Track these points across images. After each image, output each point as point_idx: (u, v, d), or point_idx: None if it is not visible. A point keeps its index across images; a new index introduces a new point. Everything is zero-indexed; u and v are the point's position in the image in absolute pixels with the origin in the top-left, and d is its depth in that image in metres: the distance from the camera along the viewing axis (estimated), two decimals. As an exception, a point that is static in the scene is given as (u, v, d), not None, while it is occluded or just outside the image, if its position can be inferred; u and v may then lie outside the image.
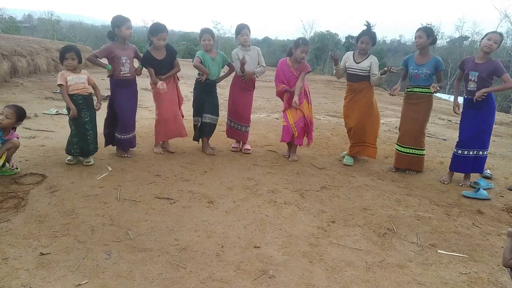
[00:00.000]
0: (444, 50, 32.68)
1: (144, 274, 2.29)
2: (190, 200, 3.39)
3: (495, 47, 3.94)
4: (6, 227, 2.68)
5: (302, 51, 4.50)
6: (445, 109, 10.97)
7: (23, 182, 3.44)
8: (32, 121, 5.62)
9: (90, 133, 3.97)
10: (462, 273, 2.59)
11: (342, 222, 3.21)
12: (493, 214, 3.63)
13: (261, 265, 2.49)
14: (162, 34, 4.23)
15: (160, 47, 4.31)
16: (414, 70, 4.40)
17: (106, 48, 4.05)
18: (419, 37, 4.30)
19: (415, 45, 4.43)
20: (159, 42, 4.24)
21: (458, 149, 4.31)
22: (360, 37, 4.52)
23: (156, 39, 4.24)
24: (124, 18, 4.06)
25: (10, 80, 8.90)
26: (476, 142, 4.19)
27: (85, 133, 3.94)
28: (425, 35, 4.27)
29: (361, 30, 4.55)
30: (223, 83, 5.34)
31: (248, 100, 4.89)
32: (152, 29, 4.29)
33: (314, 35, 39.25)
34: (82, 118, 3.90)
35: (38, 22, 43.63)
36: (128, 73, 4.16)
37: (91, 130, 3.98)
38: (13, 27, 27.90)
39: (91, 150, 4.03)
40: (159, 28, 4.23)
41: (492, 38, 3.92)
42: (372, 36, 4.49)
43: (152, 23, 4.38)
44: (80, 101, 3.87)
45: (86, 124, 3.94)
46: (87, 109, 3.93)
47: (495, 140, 7.01)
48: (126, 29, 4.02)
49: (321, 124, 7.34)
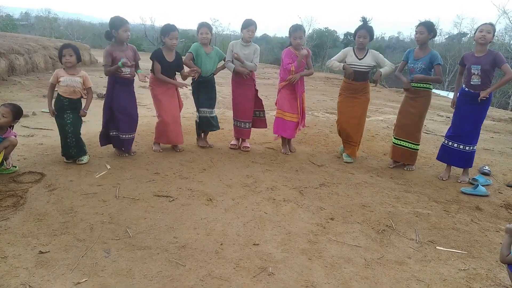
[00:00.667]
0: (442, 46, 32.67)
1: (143, 272, 2.30)
2: (189, 197, 3.39)
3: (489, 37, 3.93)
4: (5, 225, 2.68)
5: (295, 38, 4.53)
6: (443, 106, 10.98)
7: (22, 181, 3.44)
8: (30, 119, 5.61)
9: (70, 136, 3.86)
10: (461, 270, 2.60)
11: (341, 219, 3.22)
12: (492, 211, 3.64)
13: (260, 262, 2.50)
14: (174, 33, 4.28)
15: (173, 47, 4.36)
16: (410, 64, 4.41)
17: (108, 53, 4.01)
18: (420, 33, 4.27)
19: (416, 40, 4.39)
20: (172, 42, 4.30)
21: (449, 141, 4.34)
22: (357, 31, 4.50)
23: (168, 39, 4.29)
24: (122, 20, 4.04)
25: (8, 78, 8.87)
26: (469, 137, 4.22)
27: (65, 135, 3.86)
28: (426, 31, 4.25)
29: (358, 25, 4.53)
30: (220, 81, 5.34)
31: (248, 95, 4.84)
32: (163, 30, 4.33)
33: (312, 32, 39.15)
34: (64, 119, 3.84)
35: (35, 20, 43.44)
36: (128, 74, 4.14)
37: (71, 134, 3.86)
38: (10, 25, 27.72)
39: (73, 153, 3.92)
40: (170, 27, 4.29)
41: (484, 29, 3.94)
42: (369, 30, 4.47)
43: (163, 24, 4.40)
44: (66, 102, 3.82)
45: (67, 126, 3.85)
46: (71, 112, 3.85)
47: (493, 137, 7.02)
48: (123, 31, 4.01)
49: (319, 121, 7.34)
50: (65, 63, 3.76)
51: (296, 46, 4.59)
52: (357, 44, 4.55)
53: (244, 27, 4.63)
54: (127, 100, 4.22)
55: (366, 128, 6.87)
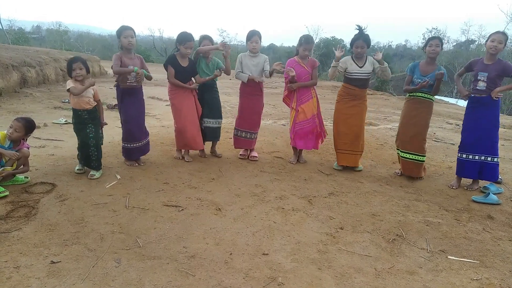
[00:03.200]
0: (450, 54, 32.52)
1: (153, 282, 2.30)
2: (198, 207, 3.41)
3: (500, 47, 3.94)
4: (17, 235, 2.71)
5: (305, 49, 4.57)
6: (452, 114, 10.91)
7: (34, 191, 3.49)
8: (42, 130, 5.69)
9: (92, 150, 3.89)
10: (473, 279, 2.56)
11: (351, 228, 3.20)
12: (504, 219, 3.59)
13: (269, 272, 2.49)
14: (190, 43, 4.38)
15: (186, 55, 4.46)
16: (417, 79, 4.37)
17: (116, 56, 4.10)
18: (436, 46, 4.23)
19: (430, 53, 4.28)
20: (186, 51, 4.39)
21: (462, 153, 4.29)
22: (354, 42, 4.49)
23: (183, 47, 4.37)
24: (123, 27, 4.12)
25: (20, 90, 9.04)
26: (481, 146, 4.15)
27: (87, 149, 3.89)
28: (441, 44, 4.27)
29: (354, 34, 4.51)
30: (228, 90, 5.37)
31: (257, 106, 4.88)
32: (180, 38, 4.41)
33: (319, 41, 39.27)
34: (86, 133, 3.88)
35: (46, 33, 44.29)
36: (134, 82, 4.20)
37: (94, 147, 3.90)
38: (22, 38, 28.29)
39: (93, 166, 3.95)
40: (187, 37, 4.38)
41: (495, 40, 3.94)
42: (366, 39, 4.46)
43: (179, 32, 4.48)
44: (86, 115, 3.87)
45: (89, 140, 3.89)
46: (92, 124, 3.91)
47: (504, 144, 6.94)
48: (124, 37, 4.07)
49: (327, 130, 7.32)
50: (76, 77, 3.78)
51: (303, 56, 4.63)
52: (355, 54, 4.55)
53: (248, 39, 4.69)
54: (133, 109, 4.27)
55: (375, 137, 6.87)
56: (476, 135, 4.15)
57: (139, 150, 4.40)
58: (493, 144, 4.17)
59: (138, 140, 4.34)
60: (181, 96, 4.51)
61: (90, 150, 3.90)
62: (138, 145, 4.35)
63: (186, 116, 4.52)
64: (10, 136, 3.50)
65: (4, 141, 3.51)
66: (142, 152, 4.47)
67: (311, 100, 4.75)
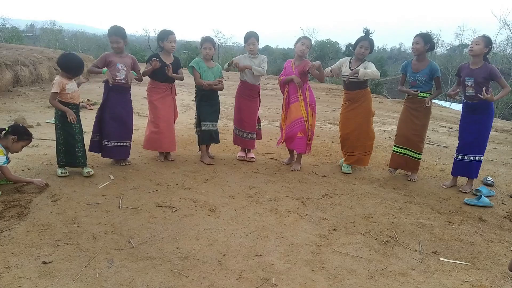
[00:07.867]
0: (444, 57, 32.83)
1: (146, 283, 2.29)
2: (192, 208, 3.40)
3: (476, 48, 3.98)
4: (8, 235, 2.69)
5: (303, 44, 4.55)
6: (446, 117, 10.99)
7: (26, 191, 3.46)
8: (35, 130, 5.64)
9: (79, 145, 3.89)
10: (465, 281, 2.58)
11: (344, 230, 3.21)
12: (495, 222, 3.63)
13: (263, 273, 2.49)
14: (172, 36, 4.38)
15: (172, 50, 4.45)
16: (410, 77, 4.45)
17: (103, 56, 4.10)
18: (416, 43, 4.33)
19: (412, 51, 4.44)
20: (171, 44, 4.39)
21: (459, 155, 4.34)
22: (359, 41, 4.51)
23: (167, 42, 4.37)
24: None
25: (13, 89, 8.97)
26: (476, 147, 4.23)
27: (74, 144, 3.86)
28: (422, 41, 4.30)
29: (360, 36, 4.55)
30: (224, 91, 5.37)
31: (253, 108, 4.88)
32: (161, 34, 4.40)
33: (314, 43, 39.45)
34: (73, 129, 3.86)
35: (40, 31, 44.02)
36: (123, 80, 4.16)
37: (80, 142, 3.91)
38: (16, 37, 28.09)
39: (79, 162, 3.92)
40: (168, 31, 4.39)
41: (473, 42, 4.04)
42: (371, 42, 4.51)
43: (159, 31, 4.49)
44: (74, 110, 3.86)
45: (76, 135, 3.87)
46: (77, 120, 3.89)
47: (496, 148, 7.01)
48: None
49: (322, 132, 7.36)
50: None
51: (298, 52, 4.59)
52: (356, 55, 4.57)
53: (245, 41, 4.72)
54: (121, 108, 4.23)
55: (369, 139, 6.88)
56: (472, 137, 4.22)
57: (119, 151, 4.29)
58: (485, 144, 4.29)
59: (120, 139, 4.25)
60: (159, 94, 4.48)
61: (77, 146, 3.88)
62: (118, 144, 4.24)
63: (164, 115, 4.48)
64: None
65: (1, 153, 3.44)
66: (122, 155, 4.34)
67: (298, 102, 4.63)
